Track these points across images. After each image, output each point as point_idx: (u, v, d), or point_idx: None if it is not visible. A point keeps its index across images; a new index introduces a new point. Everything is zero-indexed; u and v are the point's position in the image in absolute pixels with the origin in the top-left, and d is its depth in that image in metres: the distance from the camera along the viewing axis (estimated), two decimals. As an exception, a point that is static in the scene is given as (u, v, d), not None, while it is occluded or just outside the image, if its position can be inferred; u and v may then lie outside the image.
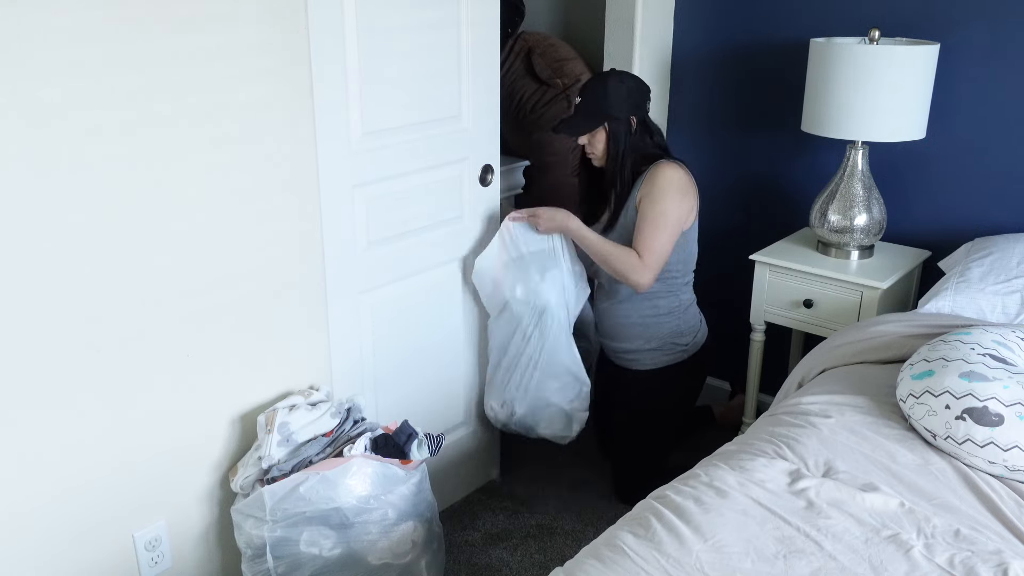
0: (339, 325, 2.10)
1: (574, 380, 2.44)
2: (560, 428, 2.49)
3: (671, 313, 2.48)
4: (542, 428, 2.49)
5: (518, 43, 3.20)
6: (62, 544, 1.71)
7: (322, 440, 1.91)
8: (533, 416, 2.46)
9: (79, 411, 1.67)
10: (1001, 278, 2.13)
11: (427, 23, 2.09)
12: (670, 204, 2.32)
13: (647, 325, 2.48)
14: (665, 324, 2.48)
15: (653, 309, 2.47)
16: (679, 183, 2.34)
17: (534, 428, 2.49)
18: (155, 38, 1.59)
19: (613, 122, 2.37)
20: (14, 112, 1.45)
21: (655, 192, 2.33)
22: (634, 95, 2.37)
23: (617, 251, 2.34)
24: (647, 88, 2.42)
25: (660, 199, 2.32)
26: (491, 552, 2.38)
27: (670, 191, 2.32)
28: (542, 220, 2.35)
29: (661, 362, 2.51)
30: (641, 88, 2.40)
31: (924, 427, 1.65)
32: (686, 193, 2.36)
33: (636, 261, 2.32)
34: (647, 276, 2.33)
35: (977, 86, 2.39)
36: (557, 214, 2.35)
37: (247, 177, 1.82)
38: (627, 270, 2.33)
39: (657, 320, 2.47)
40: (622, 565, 1.35)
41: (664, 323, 2.48)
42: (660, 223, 2.32)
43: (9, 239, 1.50)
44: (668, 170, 2.35)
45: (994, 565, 1.33)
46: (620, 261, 2.33)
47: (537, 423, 2.47)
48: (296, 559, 1.84)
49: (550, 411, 2.46)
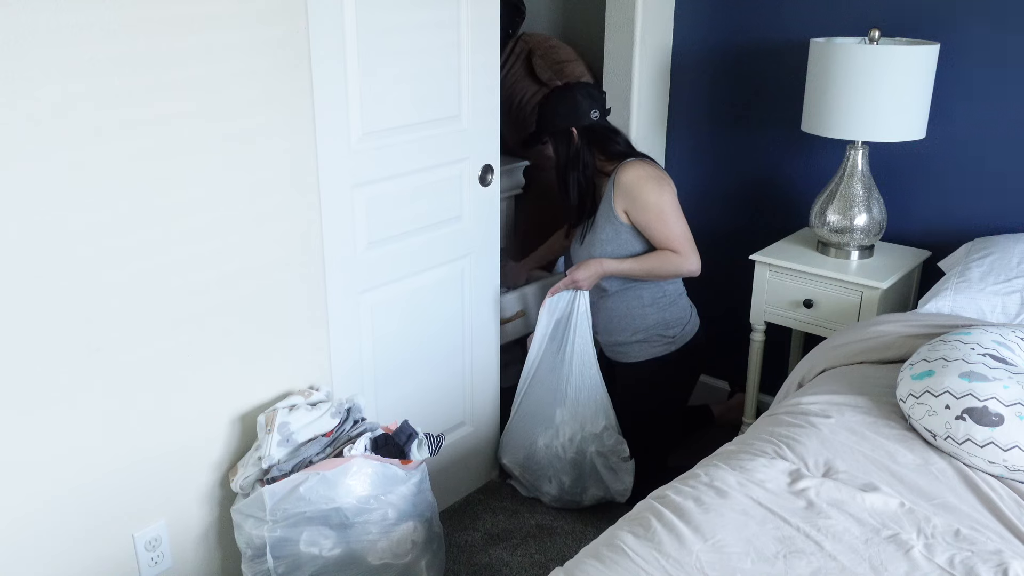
0: (339, 325, 2.10)
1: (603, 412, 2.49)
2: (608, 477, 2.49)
3: (655, 304, 2.51)
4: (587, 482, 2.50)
5: (519, 45, 3.20)
6: (62, 544, 1.71)
7: (322, 440, 1.91)
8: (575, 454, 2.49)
9: (79, 411, 1.67)
10: (1001, 278, 2.13)
11: (427, 23, 2.09)
12: (652, 196, 2.38)
13: (632, 316, 2.52)
14: (650, 315, 2.51)
15: (637, 300, 2.51)
16: (645, 175, 2.40)
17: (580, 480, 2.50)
18: (155, 38, 1.59)
19: (554, 136, 2.47)
20: (14, 111, 1.45)
21: (633, 196, 2.39)
22: (575, 106, 2.43)
23: (657, 260, 2.42)
24: (597, 94, 2.49)
25: (642, 197, 2.38)
26: (491, 552, 2.38)
27: (644, 186, 2.38)
28: (582, 281, 2.45)
29: (649, 354, 2.53)
30: (586, 96, 2.45)
31: (924, 427, 1.65)
32: (659, 180, 2.41)
33: (677, 257, 2.41)
34: (692, 260, 2.43)
35: (977, 86, 2.39)
36: (590, 268, 2.44)
37: (247, 177, 1.82)
38: (676, 269, 2.42)
39: (642, 311, 2.51)
40: (622, 565, 1.35)
41: (649, 314, 2.51)
42: (660, 215, 2.39)
43: (9, 239, 1.50)
44: (630, 170, 2.41)
45: (994, 565, 1.33)
46: (666, 267, 2.42)
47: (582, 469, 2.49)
48: (296, 559, 1.83)
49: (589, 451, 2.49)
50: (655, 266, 2.42)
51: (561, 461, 2.48)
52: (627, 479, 2.49)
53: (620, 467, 2.49)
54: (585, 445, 2.47)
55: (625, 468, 2.49)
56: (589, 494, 2.52)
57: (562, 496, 2.52)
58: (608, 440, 2.47)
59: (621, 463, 2.48)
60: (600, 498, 2.52)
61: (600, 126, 2.47)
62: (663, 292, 2.52)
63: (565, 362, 2.49)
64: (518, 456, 2.58)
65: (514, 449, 2.59)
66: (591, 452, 2.47)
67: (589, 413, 2.48)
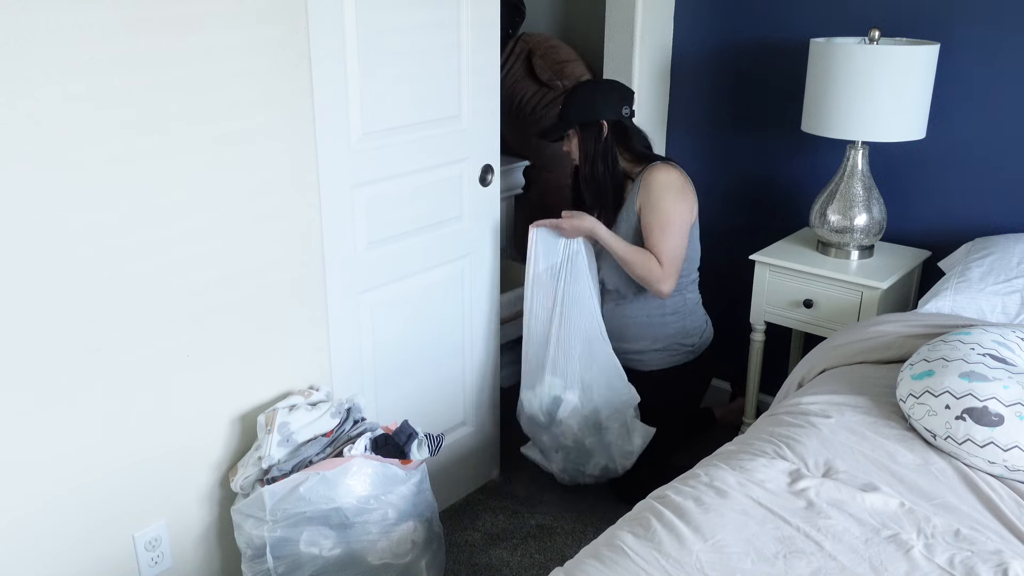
0: (339, 325, 2.10)
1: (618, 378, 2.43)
2: (617, 439, 2.42)
3: (677, 313, 2.48)
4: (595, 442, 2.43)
5: (519, 45, 3.21)
6: (62, 544, 1.71)
7: (322, 440, 1.91)
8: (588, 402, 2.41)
9: (79, 411, 1.67)
10: (1001, 278, 2.13)
11: (427, 23, 2.09)
12: (669, 205, 2.34)
13: (653, 325, 2.48)
14: (671, 324, 2.48)
15: (659, 309, 2.47)
16: (674, 183, 2.36)
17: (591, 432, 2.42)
18: (155, 38, 1.59)
19: (583, 127, 2.41)
20: (14, 111, 1.45)
21: (652, 197, 2.35)
22: (608, 100, 2.39)
23: (640, 257, 2.36)
24: (627, 92, 2.45)
25: (658, 202, 2.35)
26: (491, 552, 2.38)
27: (666, 193, 2.35)
28: (567, 228, 2.38)
29: (668, 363, 2.51)
30: (617, 92, 2.42)
31: (924, 427, 1.65)
32: (684, 192, 2.37)
33: (657, 269, 2.35)
34: (668, 282, 2.37)
35: (977, 86, 2.39)
36: (583, 221, 2.38)
37: (247, 177, 1.82)
38: (650, 277, 2.37)
39: (663, 320, 2.48)
40: (622, 565, 1.35)
41: (670, 323, 2.48)
42: (666, 226, 2.35)
43: (9, 239, 1.50)
44: (661, 173, 2.37)
45: (994, 565, 1.33)
46: (643, 268, 2.36)
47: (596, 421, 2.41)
48: (296, 559, 1.83)
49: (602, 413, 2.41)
50: (636, 260, 2.36)
51: (572, 428, 2.43)
52: (638, 441, 2.43)
53: (634, 425, 2.43)
54: (596, 413, 2.42)
55: (638, 427, 2.43)
56: (594, 462, 2.47)
57: (567, 467, 2.49)
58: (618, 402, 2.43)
59: (636, 420, 2.43)
60: (604, 467, 2.47)
61: (629, 124, 2.45)
62: (684, 300, 2.49)
63: (562, 317, 2.42)
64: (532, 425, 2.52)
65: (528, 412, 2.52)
66: (603, 417, 2.42)
67: (599, 380, 2.43)
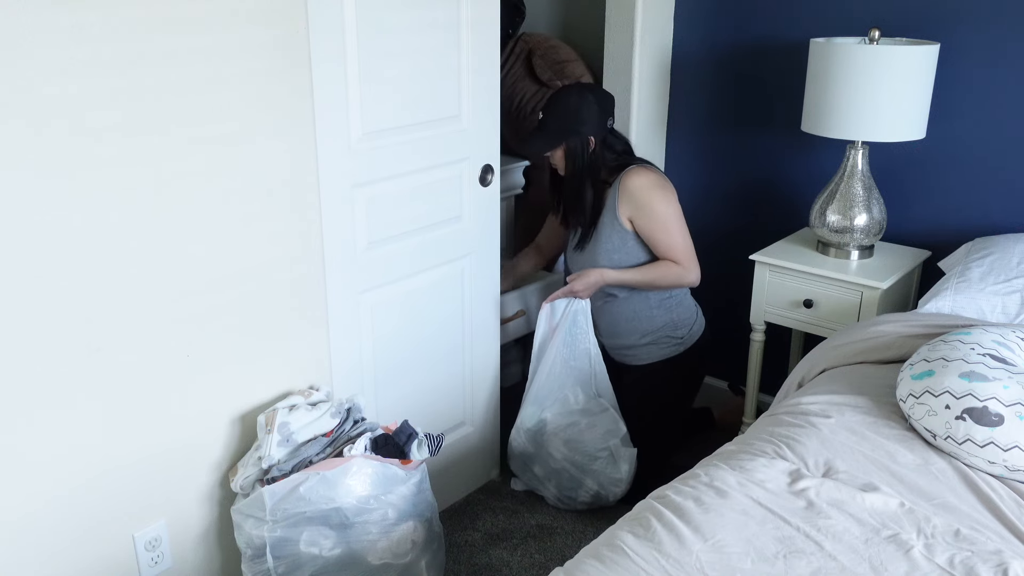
0: (339, 325, 2.10)
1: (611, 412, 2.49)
2: (605, 467, 2.45)
3: (661, 305, 2.51)
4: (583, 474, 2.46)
5: (519, 45, 3.20)
6: (62, 544, 1.71)
7: (322, 440, 1.91)
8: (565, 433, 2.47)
9: (79, 411, 1.67)
10: (1001, 278, 2.13)
11: (427, 23, 2.09)
12: (659, 206, 2.38)
13: (640, 319, 2.51)
14: (657, 317, 2.50)
15: (644, 302, 2.50)
16: (654, 184, 2.39)
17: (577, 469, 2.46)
18: (155, 38, 1.59)
19: (570, 140, 2.40)
20: (13, 112, 1.45)
21: (640, 204, 2.38)
22: (594, 112, 2.38)
23: (659, 271, 2.42)
24: (610, 100, 2.45)
25: (648, 206, 2.38)
26: (491, 552, 2.38)
27: (651, 195, 2.38)
28: (581, 292, 2.44)
29: (658, 356, 2.53)
30: (602, 102, 2.41)
31: (924, 427, 1.65)
32: (665, 188, 2.41)
33: (678, 268, 2.41)
34: (693, 272, 2.44)
35: (977, 86, 2.39)
36: (590, 278, 2.43)
37: (247, 177, 1.82)
38: (677, 279, 2.43)
39: (649, 314, 2.50)
40: (622, 565, 1.35)
41: (656, 316, 2.50)
42: (667, 226, 2.39)
43: (8, 239, 1.50)
44: (637, 178, 2.39)
45: (994, 565, 1.33)
46: (667, 278, 2.42)
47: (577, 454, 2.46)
48: (296, 559, 1.84)
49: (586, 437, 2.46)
50: (657, 277, 2.42)
51: (559, 461, 2.48)
52: (624, 467, 2.45)
53: (620, 452, 2.45)
54: (584, 449, 2.46)
55: (624, 454, 2.45)
56: (585, 488, 2.48)
57: (560, 495, 2.52)
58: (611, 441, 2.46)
59: (621, 448, 2.45)
60: (596, 493, 2.49)
61: (612, 134, 2.46)
62: (669, 293, 2.52)
63: (569, 367, 2.50)
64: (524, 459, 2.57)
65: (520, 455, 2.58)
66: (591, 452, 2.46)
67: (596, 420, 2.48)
